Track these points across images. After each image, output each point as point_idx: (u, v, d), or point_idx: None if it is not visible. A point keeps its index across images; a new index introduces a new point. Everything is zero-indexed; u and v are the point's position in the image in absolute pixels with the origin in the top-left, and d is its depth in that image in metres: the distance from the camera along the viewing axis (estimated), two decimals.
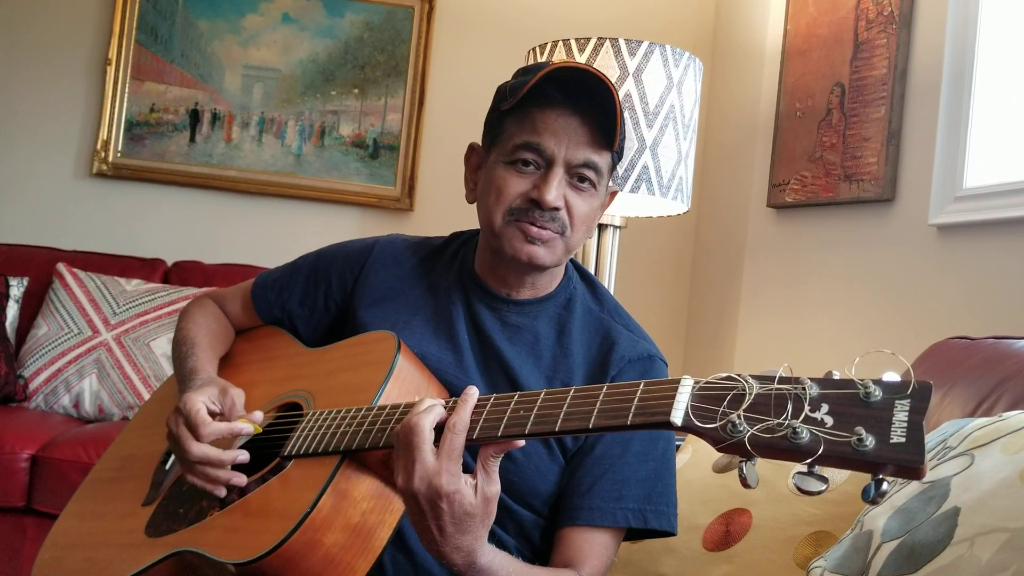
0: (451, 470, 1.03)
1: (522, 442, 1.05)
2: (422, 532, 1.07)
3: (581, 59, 2.26)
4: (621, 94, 2.23)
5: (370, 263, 1.46)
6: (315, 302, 1.48)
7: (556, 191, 1.26)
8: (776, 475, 1.47)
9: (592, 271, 2.45)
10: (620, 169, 2.22)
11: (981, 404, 1.44)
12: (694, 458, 1.66)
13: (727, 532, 1.45)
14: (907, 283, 2.46)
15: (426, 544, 1.07)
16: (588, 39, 2.26)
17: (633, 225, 2.65)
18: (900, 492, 1.16)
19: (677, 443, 1.78)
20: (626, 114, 2.24)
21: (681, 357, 3.73)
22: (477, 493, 1.04)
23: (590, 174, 1.28)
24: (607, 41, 2.24)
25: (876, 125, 2.59)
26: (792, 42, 3.02)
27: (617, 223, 2.46)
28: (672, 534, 1.32)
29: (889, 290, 2.53)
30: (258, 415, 1.29)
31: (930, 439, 1.26)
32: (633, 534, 1.33)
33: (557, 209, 1.27)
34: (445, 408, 1.08)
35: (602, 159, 1.29)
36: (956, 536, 1.02)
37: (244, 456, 1.24)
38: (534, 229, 1.27)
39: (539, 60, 2.36)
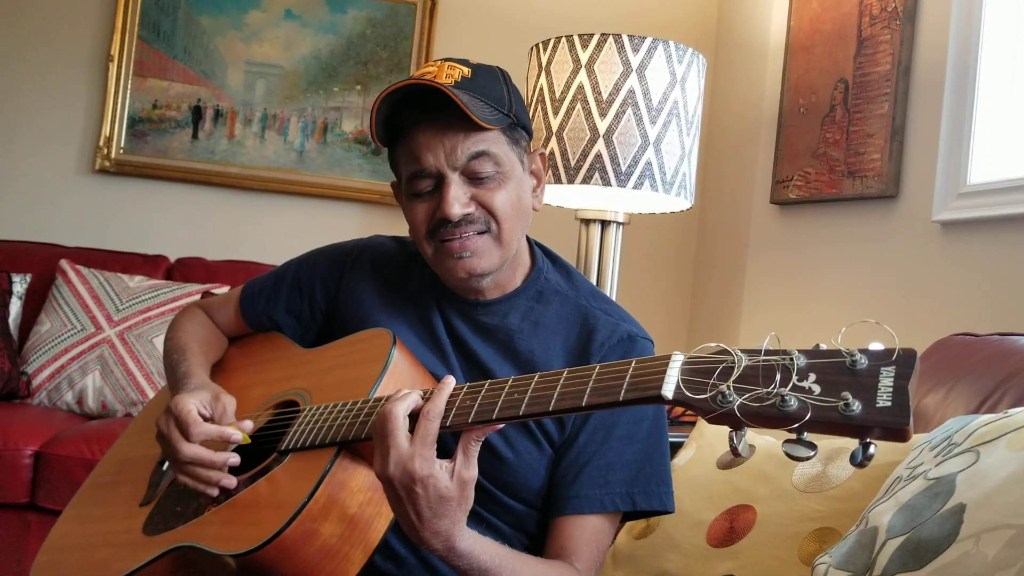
0: (425, 455, 1.04)
1: (500, 424, 1.06)
2: (401, 518, 1.08)
3: (584, 56, 2.26)
4: (624, 90, 2.23)
5: (350, 269, 1.47)
6: (300, 311, 1.50)
7: (457, 202, 1.26)
8: (780, 472, 1.47)
9: (595, 267, 2.45)
10: (623, 165, 2.22)
11: (986, 400, 1.43)
12: (698, 455, 1.66)
13: (731, 528, 1.45)
14: (911, 280, 2.46)
15: (406, 530, 1.08)
16: (591, 35, 2.26)
17: (636, 221, 2.65)
18: (905, 488, 1.15)
19: (681, 440, 1.78)
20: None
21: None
22: (453, 477, 1.05)
23: (486, 165, 1.28)
24: (610, 37, 2.24)
25: (880, 121, 2.58)
26: (795, 38, 3.02)
27: (620, 219, 2.46)
28: (668, 512, 1.32)
29: (893, 287, 2.53)
30: (248, 424, 1.29)
31: (935, 435, 1.26)
32: (632, 515, 1.33)
33: (468, 215, 1.27)
34: (422, 398, 1.09)
35: (490, 143, 1.28)
36: (961, 533, 1.01)
37: (235, 459, 1.24)
38: (456, 243, 1.28)
39: (540, 58, 2.36)
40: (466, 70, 1.28)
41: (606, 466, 1.28)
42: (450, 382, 1.09)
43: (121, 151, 3.67)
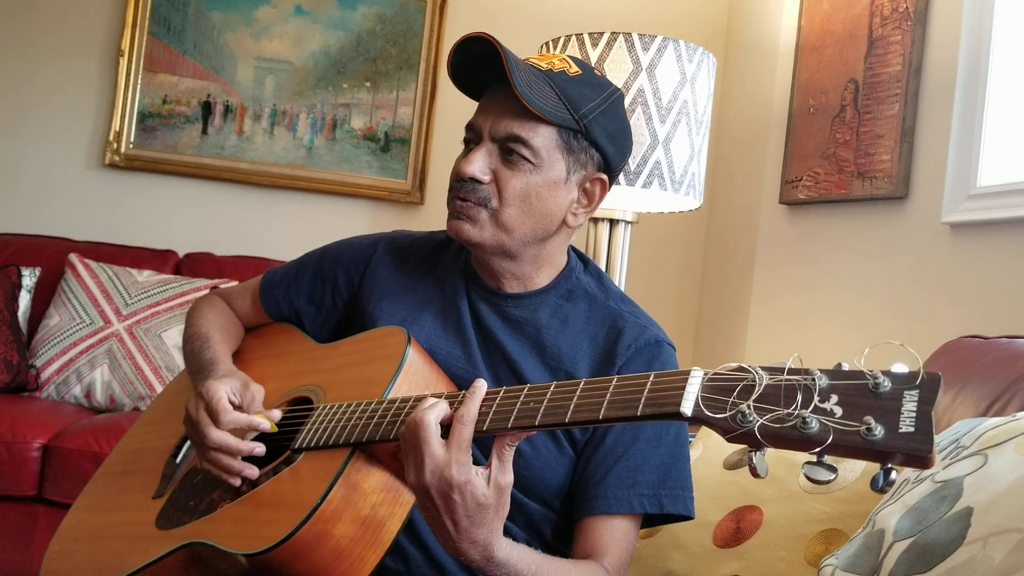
0: (461, 460, 1.03)
1: (532, 431, 1.05)
2: (437, 529, 1.06)
3: (594, 55, 2.25)
4: (634, 89, 2.22)
5: (376, 259, 1.46)
6: (322, 300, 1.49)
7: (475, 163, 1.28)
8: (787, 473, 1.47)
9: (604, 266, 2.45)
10: (632, 164, 2.22)
11: (994, 403, 1.43)
12: (705, 455, 1.66)
13: (738, 529, 1.45)
14: (920, 281, 2.45)
15: (442, 542, 1.07)
16: (601, 34, 2.25)
17: (645, 220, 2.65)
18: (913, 491, 1.15)
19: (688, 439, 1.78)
20: (644, 110, 2.23)
21: (691, 354, 3.72)
22: (490, 483, 1.04)
23: (521, 149, 1.27)
24: (620, 36, 2.24)
25: (890, 122, 2.58)
26: (806, 38, 3.01)
27: (629, 218, 2.46)
28: (689, 518, 1.31)
29: (901, 288, 2.52)
30: (276, 413, 1.30)
31: (943, 438, 1.26)
32: (651, 520, 1.32)
33: (477, 181, 1.28)
34: (450, 404, 1.08)
35: (536, 135, 1.27)
36: (969, 536, 1.01)
37: (260, 448, 1.25)
38: (458, 203, 1.30)
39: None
40: (574, 69, 1.30)
41: (635, 468, 1.27)
42: (481, 385, 1.08)
43: (131, 146, 3.68)
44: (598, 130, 1.31)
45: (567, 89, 1.28)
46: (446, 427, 1.06)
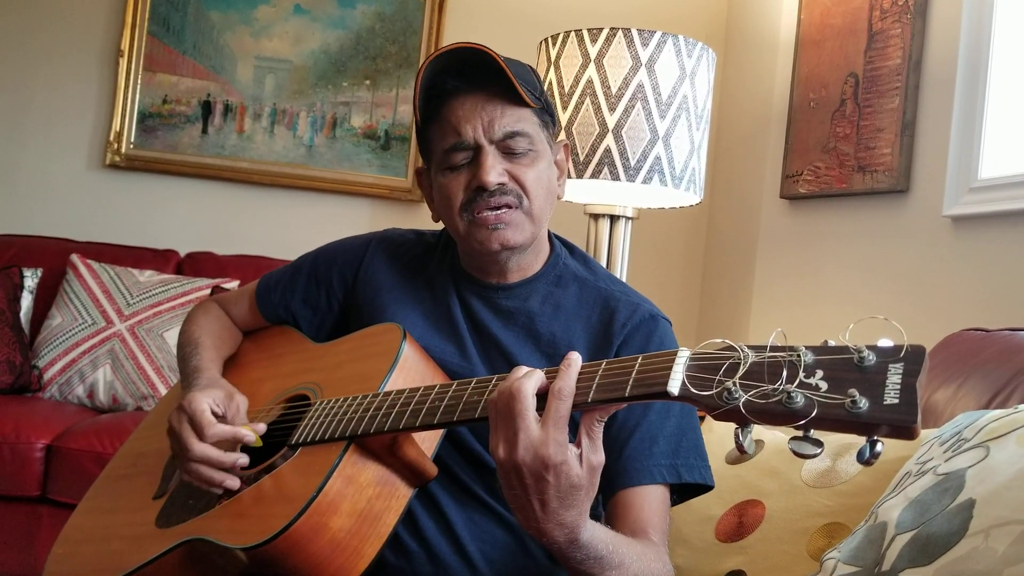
0: (559, 440, 0.96)
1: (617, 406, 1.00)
2: (521, 509, 1.00)
3: (593, 50, 2.25)
4: (634, 84, 2.22)
5: (367, 259, 1.48)
6: (317, 302, 1.50)
7: (493, 170, 1.28)
8: (789, 467, 1.47)
9: (605, 262, 2.45)
10: (632, 159, 2.22)
11: (996, 396, 1.43)
12: (707, 450, 1.66)
13: (740, 523, 1.45)
14: (921, 275, 2.45)
15: (524, 522, 1.01)
16: (600, 29, 2.25)
17: (645, 216, 2.65)
18: (915, 484, 1.15)
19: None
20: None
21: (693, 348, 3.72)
22: (583, 463, 0.98)
23: (521, 141, 1.30)
24: (619, 31, 2.23)
25: (890, 116, 2.58)
26: (806, 32, 3.01)
27: (629, 214, 2.46)
28: (709, 487, 1.30)
29: (903, 282, 2.52)
30: (261, 426, 1.30)
31: (944, 430, 1.26)
32: (680, 492, 1.31)
33: (503, 185, 1.29)
34: (545, 375, 1.02)
35: (526, 122, 1.31)
36: (971, 528, 1.01)
37: (244, 460, 1.25)
38: (491, 215, 1.29)
39: (549, 53, 2.36)
40: (493, 51, 1.30)
41: (650, 438, 1.26)
42: (576, 359, 1.01)
43: (131, 146, 3.68)
44: (548, 102, 1.37)
45: (516, 71, 1.29)
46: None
